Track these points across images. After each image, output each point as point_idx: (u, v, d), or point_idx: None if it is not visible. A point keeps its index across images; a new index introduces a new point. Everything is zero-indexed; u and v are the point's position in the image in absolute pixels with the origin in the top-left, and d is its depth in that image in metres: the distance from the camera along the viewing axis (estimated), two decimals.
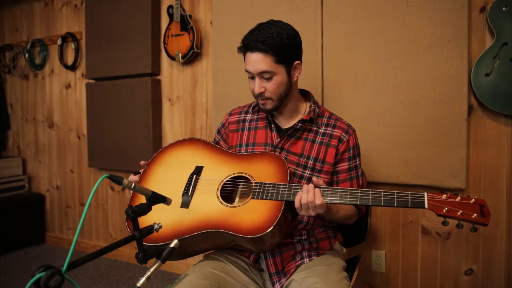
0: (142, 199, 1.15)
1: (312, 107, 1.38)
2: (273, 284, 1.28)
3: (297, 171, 1.33)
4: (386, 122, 1.88)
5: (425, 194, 1.08)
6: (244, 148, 1.42)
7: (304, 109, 1.42)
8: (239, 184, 1.31)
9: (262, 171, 1.26)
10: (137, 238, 0.90)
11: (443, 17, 1.74)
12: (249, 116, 1.47)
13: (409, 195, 1.09)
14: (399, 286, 1.99)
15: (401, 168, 1.86)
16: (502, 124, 1.75)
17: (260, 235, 1.12)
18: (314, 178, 1.20)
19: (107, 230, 3.09)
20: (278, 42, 1.24)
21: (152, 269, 0.89)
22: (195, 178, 1.31)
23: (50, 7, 3.31)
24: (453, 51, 1.73)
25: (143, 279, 0.86)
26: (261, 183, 1.22)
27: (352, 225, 1.41)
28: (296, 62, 1.33)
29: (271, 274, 1.29)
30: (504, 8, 1.66)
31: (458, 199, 1.06)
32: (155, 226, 0.96)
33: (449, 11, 1.73)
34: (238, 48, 1.33)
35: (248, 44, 1.27)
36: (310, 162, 1.33)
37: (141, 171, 1.40)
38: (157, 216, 1.04)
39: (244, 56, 1.31)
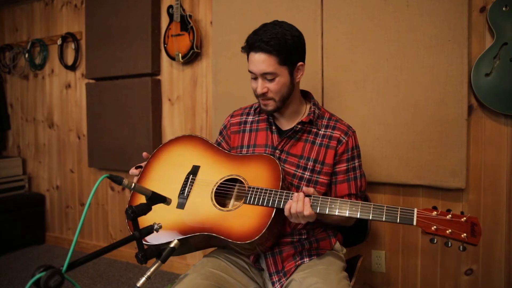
0: (142, 199, 1.15)
1: (312, 109, 1.37)
2: (273, 283, 1.28)
3: (297, 173, 1.33)
4: (386, 122, 1.88)
5: (415, 210, 1.06)
6: (245, 149, 1.42)
7: (305, 110, 1.41)
8: (233, 186, 1.32)
9: (257, 175, 1.27)
10: (137, 238, 0.90)
11: (443, 17, 1.74)
12: (250, 118, 1.47)
13: (399, 210, 1.07)
14: (399, 286, 1.99)
15: (401, 168, 1.86)
16: (502, 124, 1.75)
17: (249, 241, 1.14)
18: (304, 188, 1.19)
19: (107, 230, 3.09)
20: (282, 43, 1.23)
21: (152, 269, 0.89)
22: (191, 179, 1.33)
23: (50, 7, 3.31)
24: (453, 51, 1.73)
25: (143, 279, 0.86)
26: (254, 187, 1.23)
27: (352, 225, 1.41)
28: (300, 63, 1.32)
29: (271, 273, 1.29)
30: (504, 8, 1.66)
31: (449, 216, 1.03)
32: (155, 226, 0.96)
33: (449, 11, 1.73)
34: (242, 47, 1.31)
35: (252, 44, 1.25)
36: (310, 163, 1.32)
37: (143, 164, 1.41)
38: (153, 216, 1.04)
39: (248, 55, 1.30)
